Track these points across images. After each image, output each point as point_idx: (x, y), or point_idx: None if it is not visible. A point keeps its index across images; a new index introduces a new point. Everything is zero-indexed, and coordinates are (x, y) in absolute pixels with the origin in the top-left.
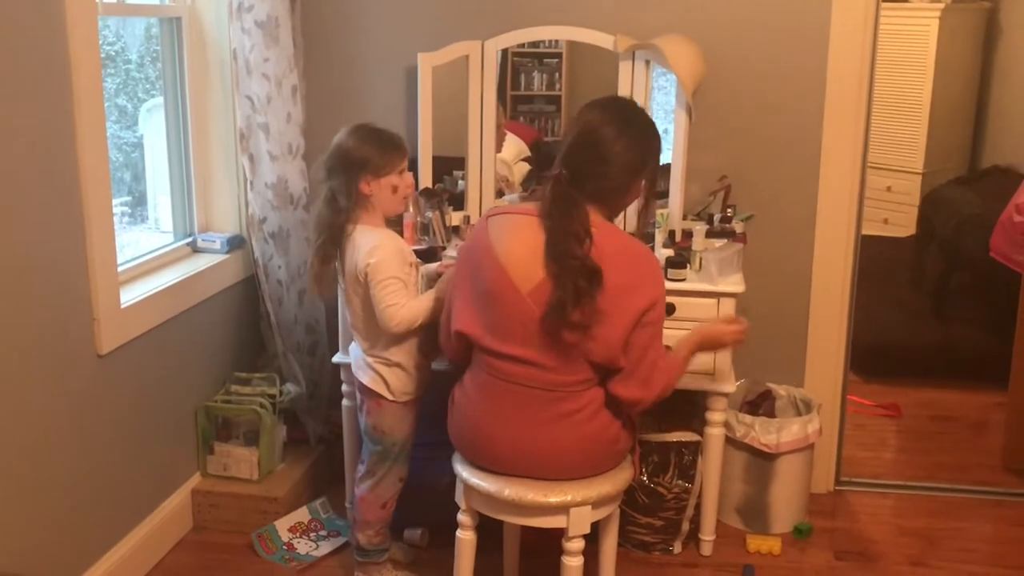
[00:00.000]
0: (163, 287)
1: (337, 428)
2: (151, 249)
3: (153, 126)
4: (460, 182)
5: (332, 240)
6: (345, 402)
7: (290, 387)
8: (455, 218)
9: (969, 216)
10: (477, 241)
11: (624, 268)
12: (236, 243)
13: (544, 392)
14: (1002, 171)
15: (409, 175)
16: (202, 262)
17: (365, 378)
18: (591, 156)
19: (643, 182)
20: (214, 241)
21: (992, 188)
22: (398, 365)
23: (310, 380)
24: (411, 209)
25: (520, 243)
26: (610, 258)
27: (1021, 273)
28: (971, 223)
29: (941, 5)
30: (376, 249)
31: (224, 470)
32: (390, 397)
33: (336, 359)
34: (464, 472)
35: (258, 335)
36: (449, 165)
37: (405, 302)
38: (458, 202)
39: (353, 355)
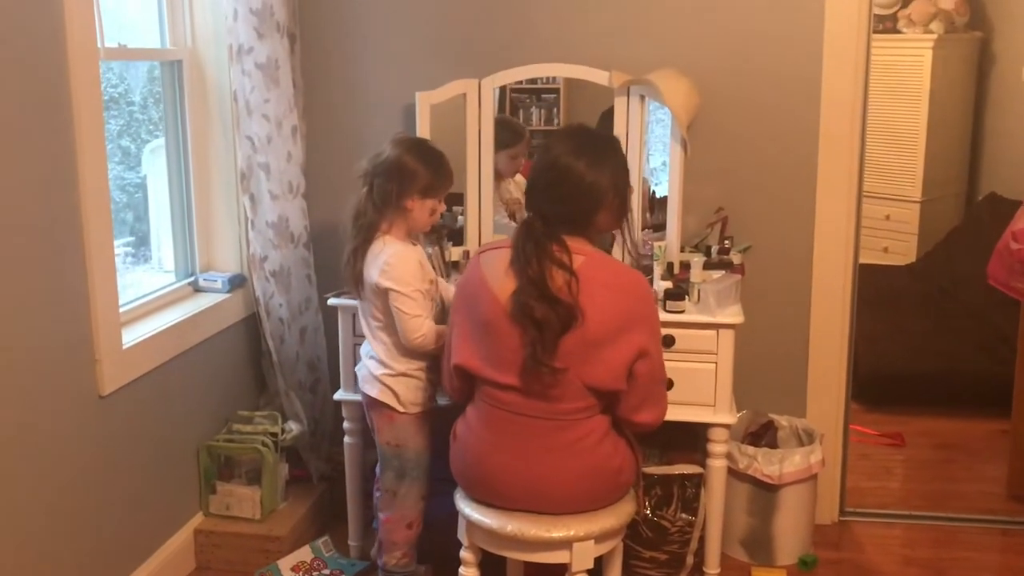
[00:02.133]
0: (165, 327)
1: (339, 466)
2: (153, 289)
3: (156, 167)
4: (460, 218)
5: (368, 240)
6: (347, 439)
7: (292, 425)
8: (455, 253)
9: None
10: (471, 276)
11: (617, 302)
12: (237, 282)
13: (546, 421)
14: (999, 198)
15: (443, 203)
16: (204, 301)
17: (374, 391)
18: (557, 188)
19: (615, 200)
20: (215, 280)
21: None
22: (405, 375)
23: (312, 418)
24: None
25: (511, 276)
26: (600, 292)
27: (1020, 300)
28: None
29: (934, 36)
30: (400, 261)
31: (226, 509)
32: (400, 409)
33: (338, 396)
34: (466, 508)
35: (259, 373)
36: (449, 201)
37: (428, 315)
38: (457, 238)
39: (360, 373)
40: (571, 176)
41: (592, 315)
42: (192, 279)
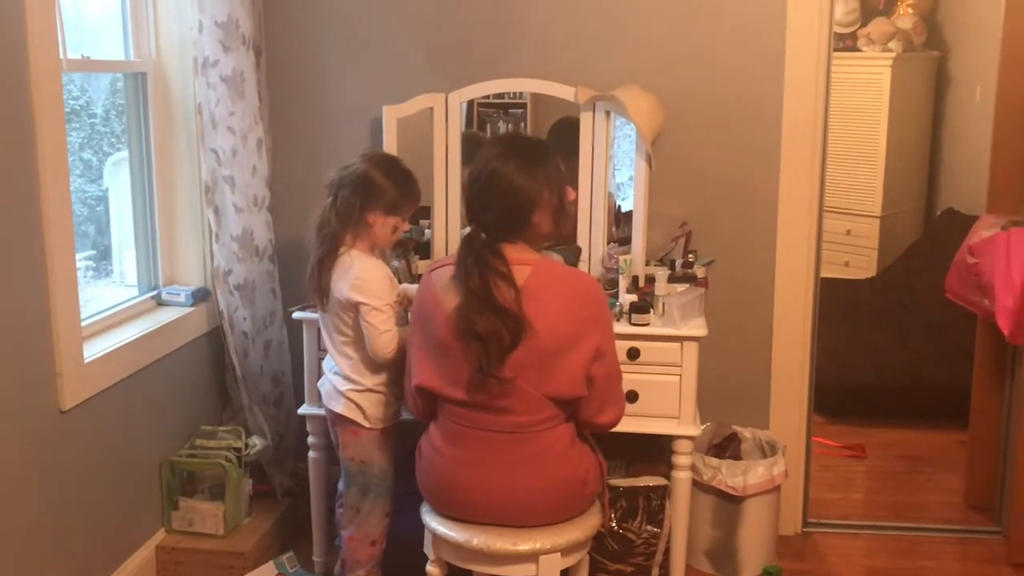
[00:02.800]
0: (127, 341)
1: (304, 481)
2: (115, 303)
3: (118, 180)
4: (426, 231)
5: (332, 252)
6: (312, 454)
7: (256, 440)
8: (421, 267)
9: None
10: (424, 295)
11: (569, 310)
12: (201, 296)
13: (509, 435)
14: (956, 213)
15: (408, 222)
16: (167, 315)
17: (339, 407)
18: (489, 194)
19: (550, 199)
20: (179, 294)
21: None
22: (371, 390)
23: (276, 432)
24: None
25: (455, 291)
26: (550, 302)
27: (976, 313)
28: None
29: (893, 54)
30: (371, 276)
31: (189, 525)
32: (366, 424)
33: (302, 410)
34: (432, 522)
35: (223, 388)
36: (416, 214)
37: (397, 330)
38: (424, 251)
39: (324, 388)
40: (501, 180)
41: (544, 326)
42: (155, 293)
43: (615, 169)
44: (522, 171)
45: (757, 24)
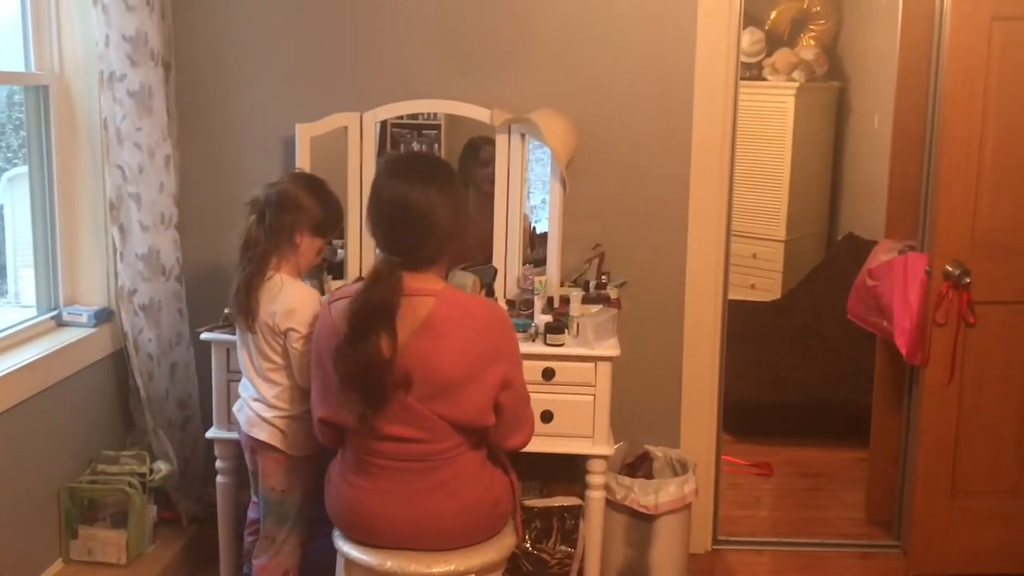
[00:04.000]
0: (24, 363)
1: (211, 507)
2: (11, 324)
3: (15, 195)
4: (340, 251)
5: (260, 272)
6: (220, 479)
7: (161, 465)
8: (334, 287)
9: None
10: (324, 329)
11: (475, 341)
12: (104, 316)
13: (417, 463)
14: (856, 238)
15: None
16: (67, 336)
17: (262, 434)
18: (396, 221)
19: (457, 220)
20: (80, 314)
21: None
22: (296, 418)
23: (182, 457)
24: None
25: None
26: (455, 334)
27: (876, 334)
28: None
29: (796, 84)
30: (304, 303)
31: (89, 555)
32: (289, 452)
33: (210, 434)
34: (345, 546)
35: (127, 411)
36: None
37: None
38: (337, 271)
39: (244, 415)
40: (410, 206)
41: (448, 359)
42: (55, 313)
43: (530, 191)
44: (432, 194)
45: (667, 52)
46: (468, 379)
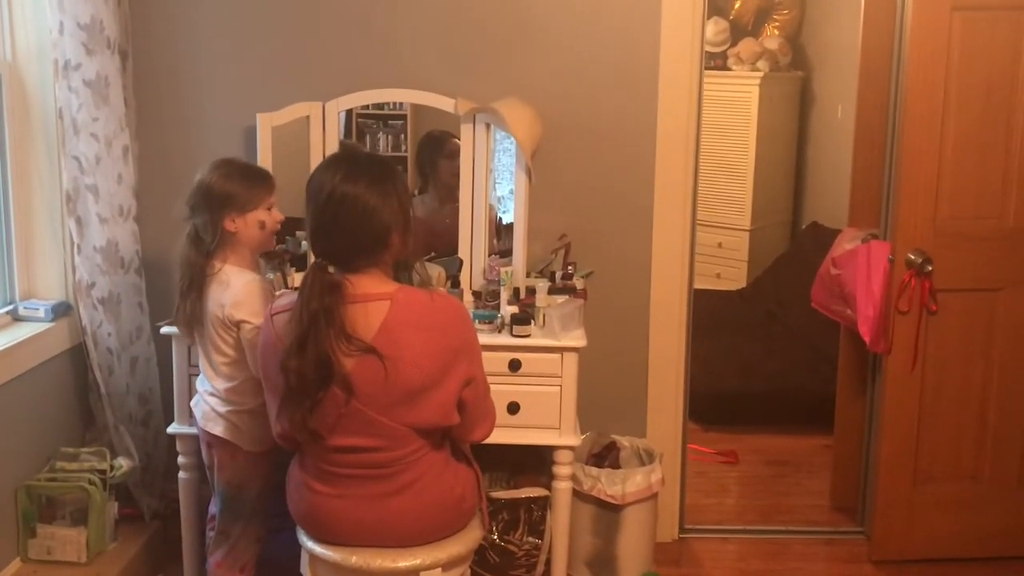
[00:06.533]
0: None
1: (174, 503)
2: None
3: None
4: (303, 243)
5: (196, 282)
6: (182, 474)
7: (122, 461)
8: (297, 279)
9: None
10: (267, 340)
11: (435, 342)
12: (62, 310)
13: (379, 470)
14: (820, 227)
15: (277, 210)
16: (24, 331)
17: (217, 428)
18: (342, 221)
19: (403, 219)
20: (37, 309)
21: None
22: (251, 412)
23: (144, 453)
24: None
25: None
26: (414, 336)
27: (840, 322)
28: None
29: (760, 73)
30: (252, 292)
31: (48, 554)
32: (245, 447)
33: (172, 429)
34: (309, 542)
35: (86, 407)
36: (291, 226)
37: None
38: (301, 263)
39: (200, 409)
40: (354, 203)
41: (410, 367)
42: (11, 307)
43: (496, 182)
44: (374, 191)
45: (632, 42)
46: (432, 384)
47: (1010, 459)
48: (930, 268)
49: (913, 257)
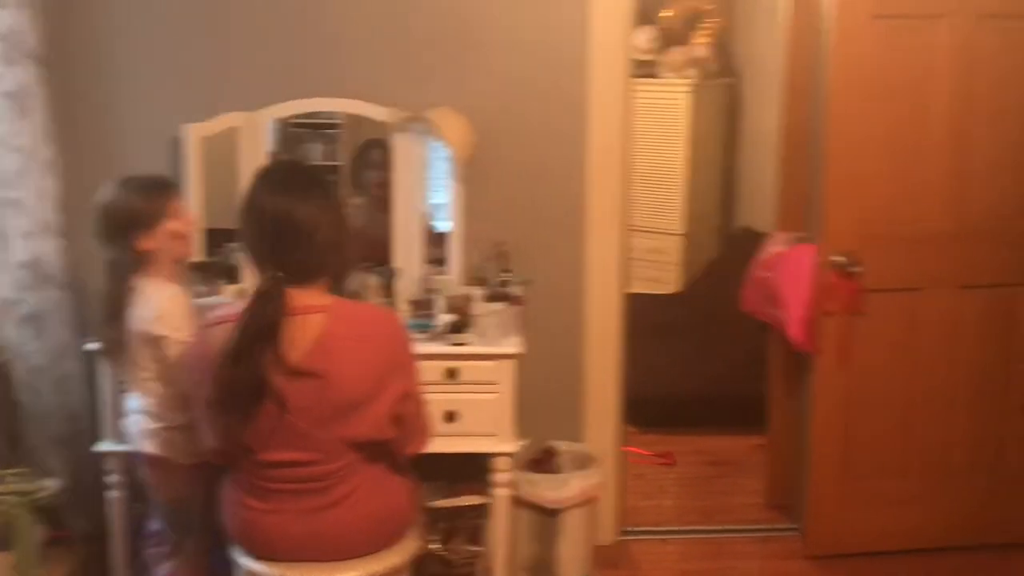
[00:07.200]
0: None
1: (104, 523)
2: None
3: None
4: (232, 255)
5: (117, 312)
6: (111, 493)
7: (49, 482)
8: (228, 291)
9: None
10: (203, 358)
11: (373, 354)
12: None
13: (314, 484)
14: (751, 231)
15: (187, 213)
16: None
17: (151, 446)
18: (290, 239)
19: (344, 229)
20: None
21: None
22: (181, 427)
23: (72, 473)
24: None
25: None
26: (351, 349)
27: (770, 323)
28: None
29: (690, 81)
30: (173, 307)
31: None
32: (181, 460)
33: (100, 447)
34: (245, 559)
35: (11, 427)
36: (223, 237)
37: None
38: (232, 275)
39: (131, 429)
40: (292, 218)
41: (346, 381)
42: None
43: (430, 191)
44: (313, 206)
45: (562, 52)
46: (367, 398)
47: (935, 455)
48: (856, 269)
49: (839, 259)
